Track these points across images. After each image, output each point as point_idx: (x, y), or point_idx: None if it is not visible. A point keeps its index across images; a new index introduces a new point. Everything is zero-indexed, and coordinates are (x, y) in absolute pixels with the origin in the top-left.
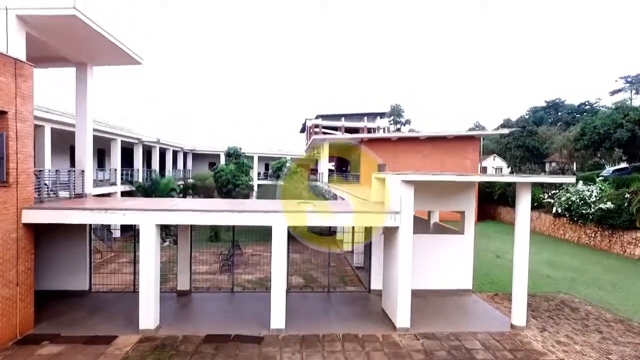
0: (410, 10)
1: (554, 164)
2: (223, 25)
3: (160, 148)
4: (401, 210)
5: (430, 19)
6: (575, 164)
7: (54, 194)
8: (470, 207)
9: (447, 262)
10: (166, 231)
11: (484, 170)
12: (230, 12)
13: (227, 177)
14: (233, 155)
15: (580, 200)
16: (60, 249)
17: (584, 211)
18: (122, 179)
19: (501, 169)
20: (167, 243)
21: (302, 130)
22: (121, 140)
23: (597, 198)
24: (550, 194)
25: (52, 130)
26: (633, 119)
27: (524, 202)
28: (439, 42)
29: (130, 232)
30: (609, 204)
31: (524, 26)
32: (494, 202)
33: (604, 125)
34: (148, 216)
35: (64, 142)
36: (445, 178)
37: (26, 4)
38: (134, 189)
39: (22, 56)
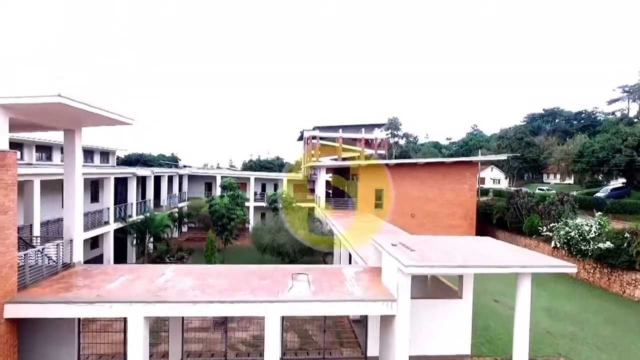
0: (409, 20)
1: (553, 196)
2: (221, 30)
3: (154, 176)
4: (398, 297)
5: (429, 25)
6: (572, 178)
7: (41, 251)
8: None
9: (444, 326)
10: (167, 255)
11: (482, 181)
12: (231, 18)
13: (221, 211)
14: (228, 187)
15: (579, 236)
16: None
17: (582, 247)
18: (115, 216)
19: (499, 180)
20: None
21: (300, 139)
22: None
23: (597, 234)
24: (549, 227)
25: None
26: (632, 145)
27: (524, 290)
28: (438, 46)
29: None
30: (608, 244)
31: (522, 30)
32: (492, 225)
33: (602, 149)
34: (136, 309)
35: (57, 182)
36: (446, 271)
37: (9, 93)
38: (127, 224)
39: (5, 144)
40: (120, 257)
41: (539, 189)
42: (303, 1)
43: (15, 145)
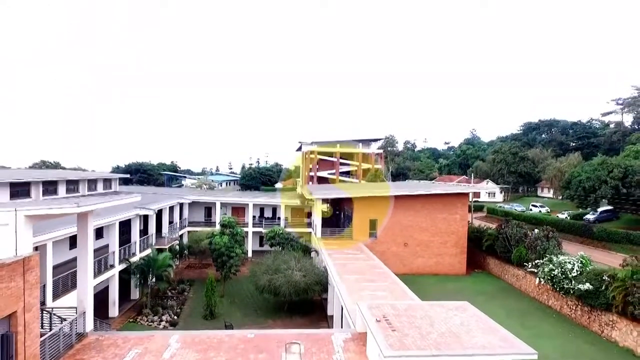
0: (409, 22)
1: (536, 232)
2: (221, 31)
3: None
4: None
5: (429, 27)
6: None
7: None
8: None
9: None
10: (161, 303)
11: (477, 195)
12: (230, 20)
13: (221, 250)
14: (227, 225)
15: (562, 274)
16: None
17: (565, 285)
18: (120, 257)
19: (494, 193)
20: (163, 322)
21: (299, 149)
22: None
23: (578, 273)
24: (534, 262)
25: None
26: (617, 176)
27: None
28: (437, 47)
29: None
30: (588, 285)
31: (522, 31)
32: (483, 251)
33: (589, 180)
34: None
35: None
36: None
37: (33, 208)
38: (130, 265)
39: (29, 247)
40: (124, 294)
41: (532, 205)
42: (303, 3)
43: (23, 184)
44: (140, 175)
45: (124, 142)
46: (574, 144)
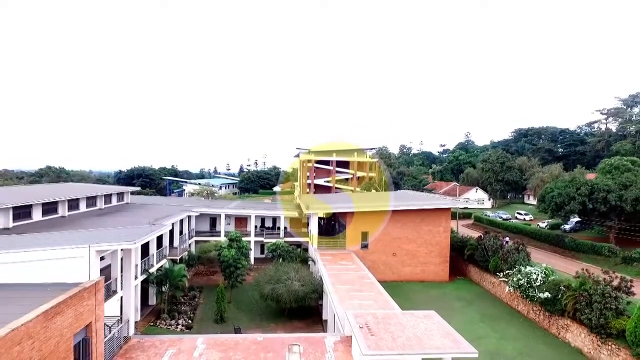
0: (409, 25)
1: (509, 243)
2: (220, 32)
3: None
4: None
5: (429, 27)
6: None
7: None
8: None
9: None
10: (176, 309)
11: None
12: (230, 22)
13: (229, 262)
14: (235, 239)
15: (527, 284)
16: None
17: (530, 293)
18: (141, 268)
19: (483, 200)
20: (179, 326)
21: (297, 156)
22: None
23: (542, 283)
24: (504, 273)
25: None
26: (584, 193)
27: None
28: (436, 48)
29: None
30: (547, 294)
31: (521, 32)
32: (465, 259)
33: (560, 196)
34: None
35: None
36: (391, 359)
37: (101, 244)
38: (150, 275)
39: (97, 273)
40: (143, 300)
41: (517, 213)
42: (302, 8)
43: (51, 203)
44: (142, 180)
45: (124, 142)
46: (561, 151)
